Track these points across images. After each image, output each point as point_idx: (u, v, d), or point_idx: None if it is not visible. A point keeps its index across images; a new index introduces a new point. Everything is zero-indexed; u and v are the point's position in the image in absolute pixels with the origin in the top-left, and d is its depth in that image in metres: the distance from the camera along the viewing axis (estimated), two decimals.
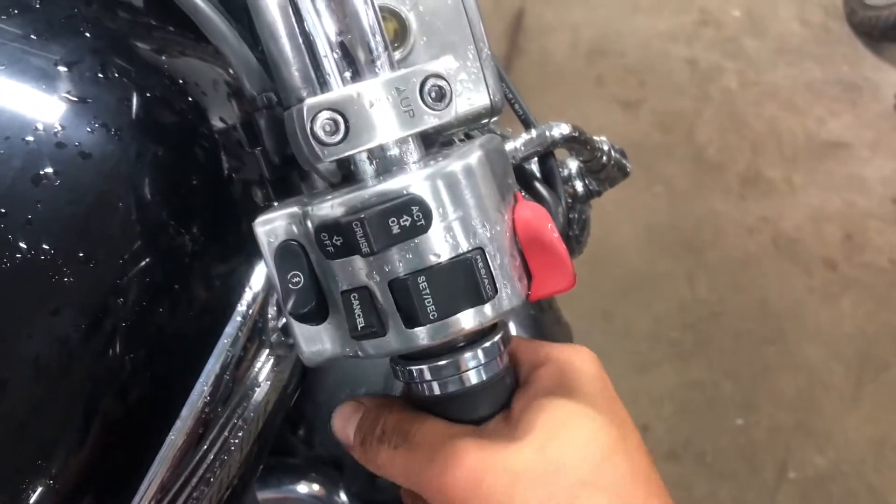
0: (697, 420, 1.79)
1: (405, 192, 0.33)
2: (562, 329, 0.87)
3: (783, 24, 2.48)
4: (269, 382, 0.47)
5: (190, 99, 0.46)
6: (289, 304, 0.37)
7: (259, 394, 0.47)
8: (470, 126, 0.43)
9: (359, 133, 0.35)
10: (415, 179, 0.34)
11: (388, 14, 0.40)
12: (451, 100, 0.36)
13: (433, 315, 0.34)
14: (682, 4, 2.54)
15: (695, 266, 2.01)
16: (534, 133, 0.47)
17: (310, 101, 0.34)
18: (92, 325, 0.40)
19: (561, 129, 0.48)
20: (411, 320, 0.34)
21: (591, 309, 1.91)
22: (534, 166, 0.51)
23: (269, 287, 0.47)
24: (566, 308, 0.90)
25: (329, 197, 0.35)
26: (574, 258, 0.51)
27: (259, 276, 0.46)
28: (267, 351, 0.47)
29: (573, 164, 0.55)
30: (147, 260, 0.42)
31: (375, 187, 0.34)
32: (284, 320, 0.47)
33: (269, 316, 0.47)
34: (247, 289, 0.46)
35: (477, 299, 0.35)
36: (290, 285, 0.37)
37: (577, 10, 2.51)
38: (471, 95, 0.41)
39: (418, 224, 0.33)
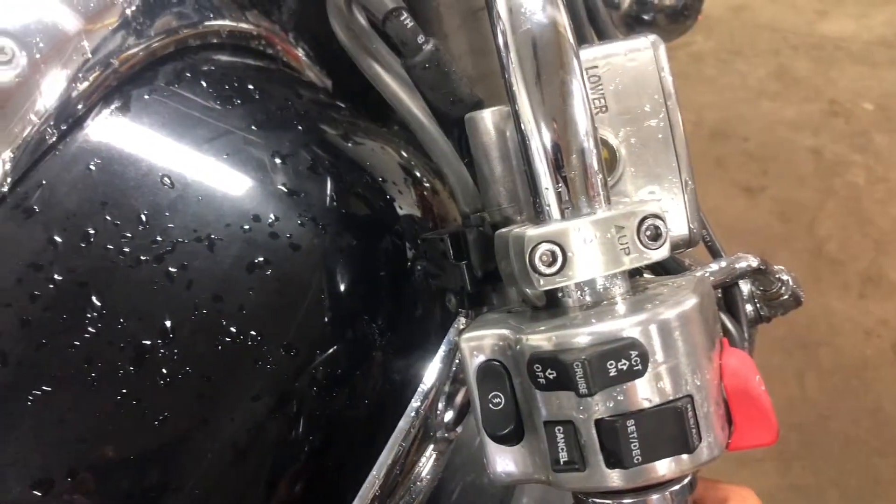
0: None
1: (623, 336, 0.34)
2: None
3: None
4: (429, 476, 0.48)
5: (387, 197, 0.48)
6: (487, 424, 0.38)
7: (419, 488, 0.48)
8: None
9: (575, 266, 0.36)
10: (631, 324, 0.35)
11: (602, 143, 0.41)
12: (665, 239, 0.37)
13: (637, 459, 0.34)
14: (811, 93, 2.49)
15: (806, 364, 1.94)
16: (723, 263, 0.47)
17: (531, 232, 0.36)
18: (285, 411, 0.42)
19: (749, 262, 0.48)
20: (614, 462, 0.35)
21: None
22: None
23: (440, 384, 0.48)
24: None
25: (542, 328, 0.36)
26: None
27: (432, 373, 0.48)
28: (432, 446, 0.48)
29: (745, 287, 0.55)
30: (338, 349, 0.44)
31: (592, 327, 0.35)
32: (450, 416, 0.48)
33: (437, 410, 0.48)
34: (421, 385, 0.47)
35: (682, 448, 0.35)
36: (490, 405, 0.37)
37: (703, 90, 2.50)
38: (670, 225, 0.42)
39: (635, 368, 0.34)
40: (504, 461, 0.38)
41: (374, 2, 0.42)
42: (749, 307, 0.53)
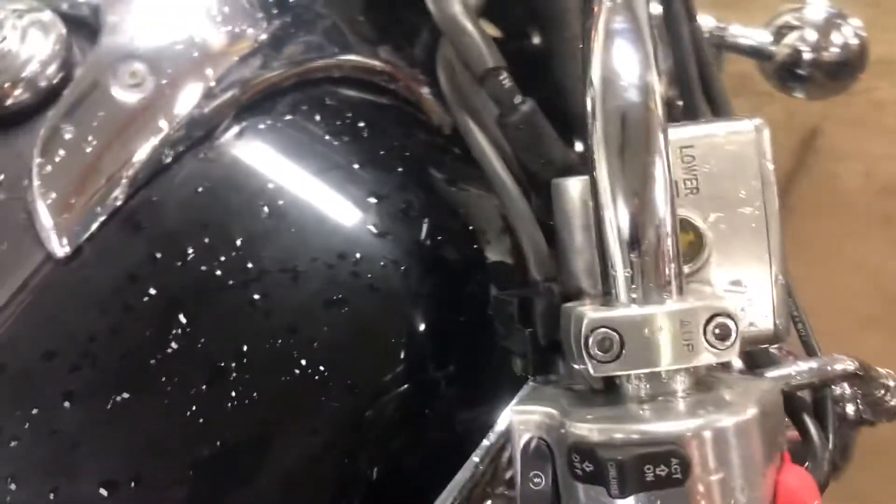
0: None
1: (667, 441, 0.33)
2: None
3: None
4: None
5: (475, 246, 0.49)
6: (524, 502, 0.37)
7: None
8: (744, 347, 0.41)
9: (633, 356, 0.35)
10: (679, 428, 0.33)
11: (687, 225, 0.39)
12: (735, 340, 0.35)
13: None
14: None
15: None
16: (814, 364, 0.44)
17: (591, 315, 0.35)
18: (340, 448, 0.43)
19: (845, 365, 0.45)
20: None
21: None
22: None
23: (503, 442, 0.47)
24: None
25: (590, 416, 0.35)
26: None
27: (498, 430, 0.47)
28: (490, 502, 0.48)
29: (848, 387, 0.51)
30: (402, 393, 0.44)
31: (640, 426, 0.33)
32: (511, 474, 0.48)
33: (500, 467, 0.48)
34: (484, 440, 0.47)
35: None
36: (530, 484, 0.37)
37: (880, 141, 2.32)
38: (754, 319, 0.40)
39: (674, 476, 0.32)
40: None
41: (473, 60, 0.42)
42: (850, 407, 0.49)
